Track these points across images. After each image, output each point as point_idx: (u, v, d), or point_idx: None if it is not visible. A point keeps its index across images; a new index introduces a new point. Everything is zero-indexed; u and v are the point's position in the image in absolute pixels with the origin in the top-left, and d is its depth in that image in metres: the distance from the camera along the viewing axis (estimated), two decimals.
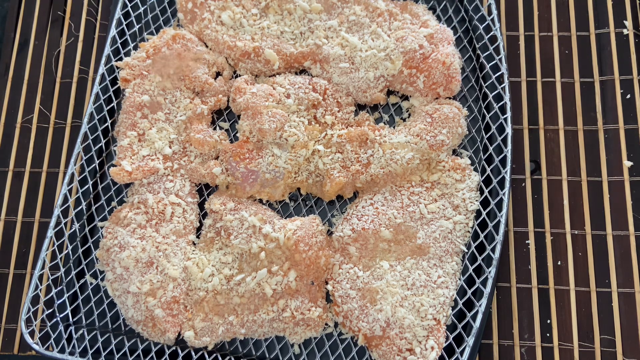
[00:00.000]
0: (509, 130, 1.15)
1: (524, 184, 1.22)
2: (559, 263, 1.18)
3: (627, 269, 1.16)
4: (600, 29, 1.29)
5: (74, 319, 1.18)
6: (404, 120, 1.23)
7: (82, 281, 1.20)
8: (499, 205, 1.12)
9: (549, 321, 1.15)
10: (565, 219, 1.20)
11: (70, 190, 1.21)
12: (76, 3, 1.42)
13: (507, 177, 1.13)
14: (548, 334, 1.14)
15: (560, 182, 1.22)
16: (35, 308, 1.16)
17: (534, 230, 1.20)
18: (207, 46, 1.28)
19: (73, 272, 1.19)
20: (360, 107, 1.26)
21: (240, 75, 1.28)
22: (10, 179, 1.33)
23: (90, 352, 1.14)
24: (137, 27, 1.32)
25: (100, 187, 1.24)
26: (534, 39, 1.30)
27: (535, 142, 1.24)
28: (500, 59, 1.20)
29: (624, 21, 1.28)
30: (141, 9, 1.33)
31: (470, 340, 1.06)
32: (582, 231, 1.19)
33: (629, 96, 1.24)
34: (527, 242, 1.19)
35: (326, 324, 1.13)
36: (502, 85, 1.19)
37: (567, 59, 1.28)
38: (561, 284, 1.17)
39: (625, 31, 1.28)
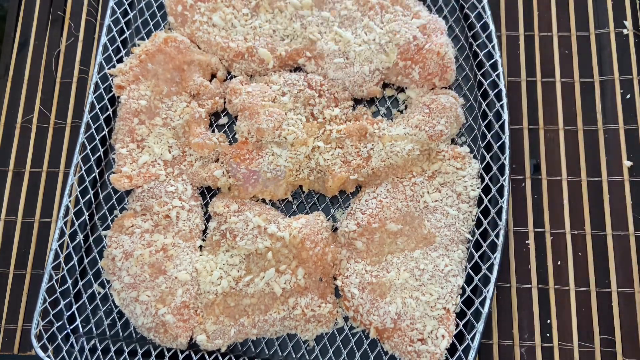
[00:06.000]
0: (505, 116, 1.16)
1: (524, 184, 1.22)
2: (559, 263, 1.18)
3: (627, 269, 1.16)
4: (600, 29, 1.29)
5: (85, 330, 1.19)
6: (401, 112, 1.24)
7: (89, 291, 1.20)
8: (500, 191, 1.13)
9: (549, 321, 1.16)
10: (565, 219, 1.20)
11: (71, 201, 1.21)
12: (76, 3, 1.42)
13: (507, 163, 1.14)
14: (548, 334, 1.15)
15: (560, 182, 1.22)
16: (45, 321, 1.17)
17: (534, 230, 1.20)
18: (200, 48, 1.28)
19: (80, 283, 1.20)
20: (357, 101, 1.26)
21: (234, 77, 1.28)
22: (10, 179, 1.33)
23: None
24: (128, 33, 1.32)
25: (101, 196, 1.24)
26: (534, 39, 1.30)
27: (535, 142, 1.24)
28: (493, 46, 1.21)
29: (624, 21, 1.29)
30: (130, 15, 1.33)
31: (480, 326, 1.07)
32: (582, 231, 1.19)
33: (628, 96, 1.24)
34: (527, 242, 1.20)
35: (336, 320, 1.14)
36: (497, 72, 1.19)
37: (567, 59, 1.28)
38: (561, 284, 1.17)
39: (625, 31, 1.28)
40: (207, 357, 1.13)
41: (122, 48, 1.30)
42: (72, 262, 1.19)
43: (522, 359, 1.15)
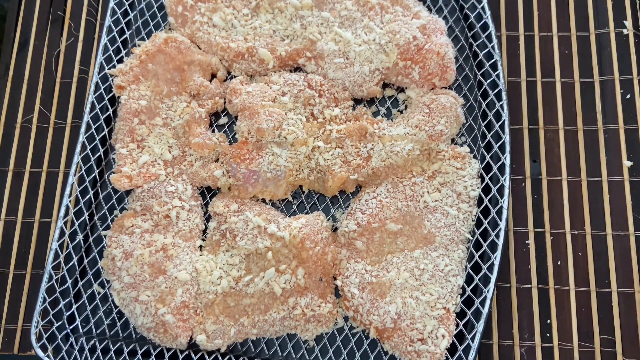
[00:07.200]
0: (505, 116, 1.16)
1: (524, 184, 1.23)
2: (559, 263, 1.18)
3: (627, 269, 1.16)
4: (600, 29, 1.29)
5: (84, 330, 1.19)
6: (401, 112, 1.24)
7: (89, 291, 1.20)
8: (500, 191, 1.13)
9: (549, 321, 1.16)
10: (565, 219, 1.20)
11: (71, 201, 1.21)
12: (76, 3, 1.42)
13: (507, 163, 1.14)
14: (548, 334, 1.15)
15: (560, 182, 1.22)
16: (44, 321, 1.17)
17: (534, 230, 1.20)
18: (200, 48, 1.28)
19: (80, 283, 1.20)
20: (357, 101, 1.26)
21: (234, 77, 1.28)
22: (10, 179, 1.33)
23: None
24: (128, 33, 1.32)
25: (101, 196, 1.24)
26: (534, 39, 1.30)
27: (535, 142, 1.25)
28: (492, 46, 1.21)
29: (624, 21, 1.29)
30: (131, 15, 1.33)
31: (480, 326, 1.07)
32: (582, 231, 1.19)
33: (628, 96, 1.25)
34: (527, 242, 1.20)
35: (336, 320, 1.14)
36: (497, 72, 1.19)
37: (567, 59, 1.29)
38: (561, 284, 1.17)
39: (625, 31, 1.28)
40: (206, 357, 1.13)
41: (122, 48, 1.30)
42: (72, 262, 1.19)
43: (522, 359, 1.15)
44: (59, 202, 1.29)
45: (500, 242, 1.10)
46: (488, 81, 1.19)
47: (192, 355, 1.13)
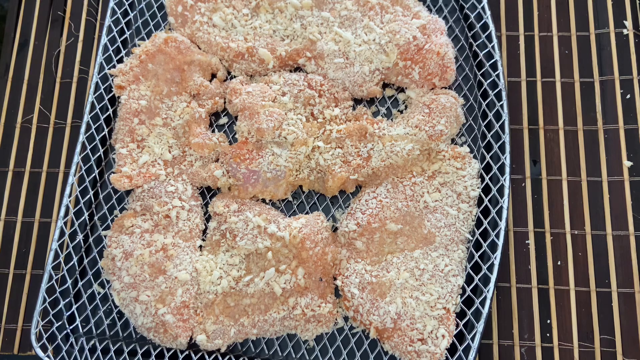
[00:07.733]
0: (505, 116, 1.16)
1: (524, 184, 1.23)
2: (559, 263, 1.18)
3: (627, 269, 1.16)
4: (600, 29, 1.29)
5: (84, 330, 1.19)
6: (401, 112, 1.24)
7: (89, 291, 1.20)
8: (500, 191, 1.13)
9: (549, 321, 1.16)
10: (565, 219, 1.20)
11: (71, 201, 1.21)
12: (76, 3, 1.42)
13: (507, 163, 1.14)
14: (548, 334, 1.15)
15: (560, 182, 1.22)
16: (44, 321, 1.17)
17: (534, 230, 1.20)
18: (200, 48, 1.28)
19: (80, 283, 1.20)
20: (357, 101, 1.26)
21: (234, 77, 1.28)
22: (10, 179, 1.33)
23: None
24: (128, 33, 1.32)
25: (101, 196, 1.24)
26: (534, 39, 1.30)
27: (535, 142, 1.25)
28: (493, 46, 1.21)
29: (624, 21, 1.29)
30: (131, 15, 1.33)
31: (480, 326, 1.07)
32: (582, 231, 1.19)
33: (629, 96, 1.25)
34: (527, 242, 1.20)
35: (336, 320, 1.14)
36: (497, 72, 1.19)
37: (567, 59, 1.28)
38: (561, 284, 1.17)
39: (625, 31, 1.28)
40: (206, 357, 1.13)
41: (122, 48, 1.30)
42: (72, 262, 1.19)
43: (522, 359, 1.15)
44: (59, 202, 1.30)
45: (500, 242, 1.10)
46: (488, 81, 1.19)
47: (192, 355, 1.13)
